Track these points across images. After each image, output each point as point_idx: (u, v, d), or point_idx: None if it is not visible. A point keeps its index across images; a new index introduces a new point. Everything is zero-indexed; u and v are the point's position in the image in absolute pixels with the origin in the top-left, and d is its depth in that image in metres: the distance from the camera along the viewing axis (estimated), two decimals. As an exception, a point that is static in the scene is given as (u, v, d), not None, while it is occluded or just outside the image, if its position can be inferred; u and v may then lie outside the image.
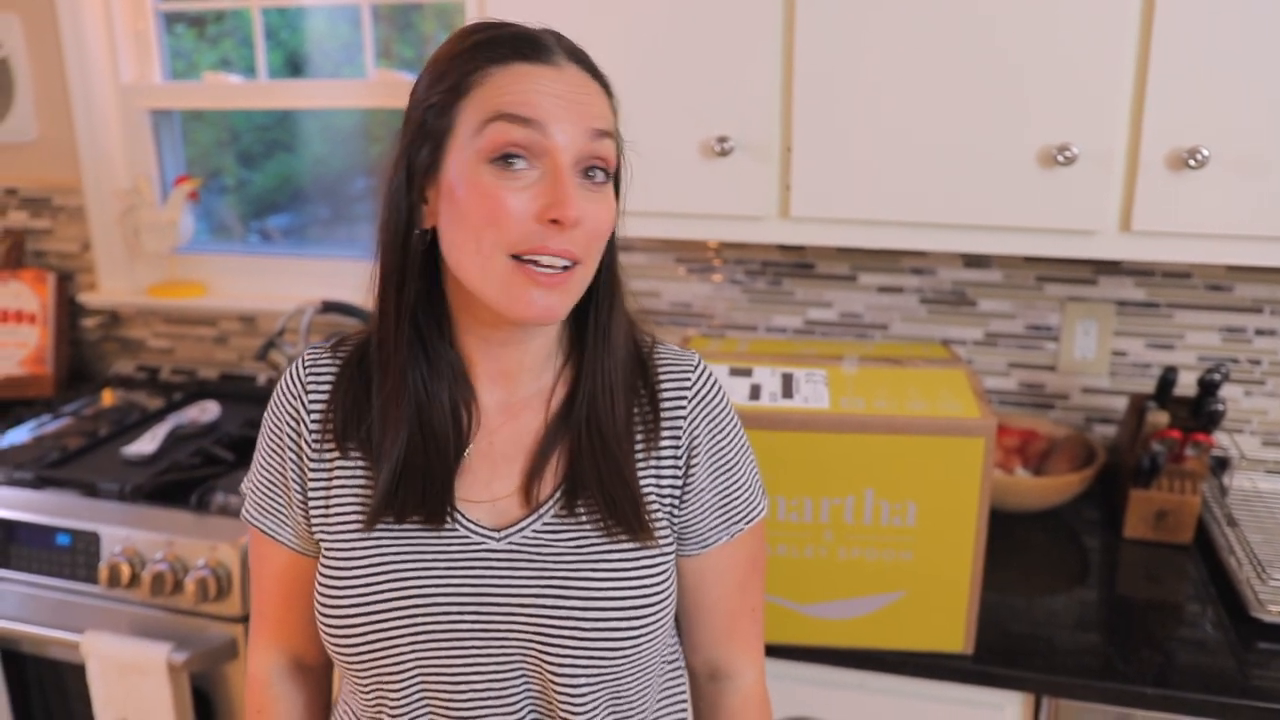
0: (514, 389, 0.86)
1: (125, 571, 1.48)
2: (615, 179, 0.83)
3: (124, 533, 1.51)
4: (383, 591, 0.81)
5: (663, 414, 0.86)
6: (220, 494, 1.57)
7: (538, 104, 0.74)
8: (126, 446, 1.74)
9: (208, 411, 1.89)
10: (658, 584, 0.84)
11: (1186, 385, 1.64)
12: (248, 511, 0.91)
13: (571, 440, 0.84)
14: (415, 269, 0.80)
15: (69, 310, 2.16)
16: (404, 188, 0.79)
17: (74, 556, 1.53)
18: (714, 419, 0.88)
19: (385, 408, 0.82)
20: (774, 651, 1.24)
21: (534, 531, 0.83)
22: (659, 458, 0.86)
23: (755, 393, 1.20)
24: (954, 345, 1.75)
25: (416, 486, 0.81)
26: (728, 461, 0.89)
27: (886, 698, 1.26)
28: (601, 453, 0.83)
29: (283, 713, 0.95)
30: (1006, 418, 1.70)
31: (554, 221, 0.74)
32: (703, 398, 0.88)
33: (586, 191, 0.77)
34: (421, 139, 0.78)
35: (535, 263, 0.75)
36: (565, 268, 0.76)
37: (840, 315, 1.79)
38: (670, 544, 0.87)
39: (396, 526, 0.83)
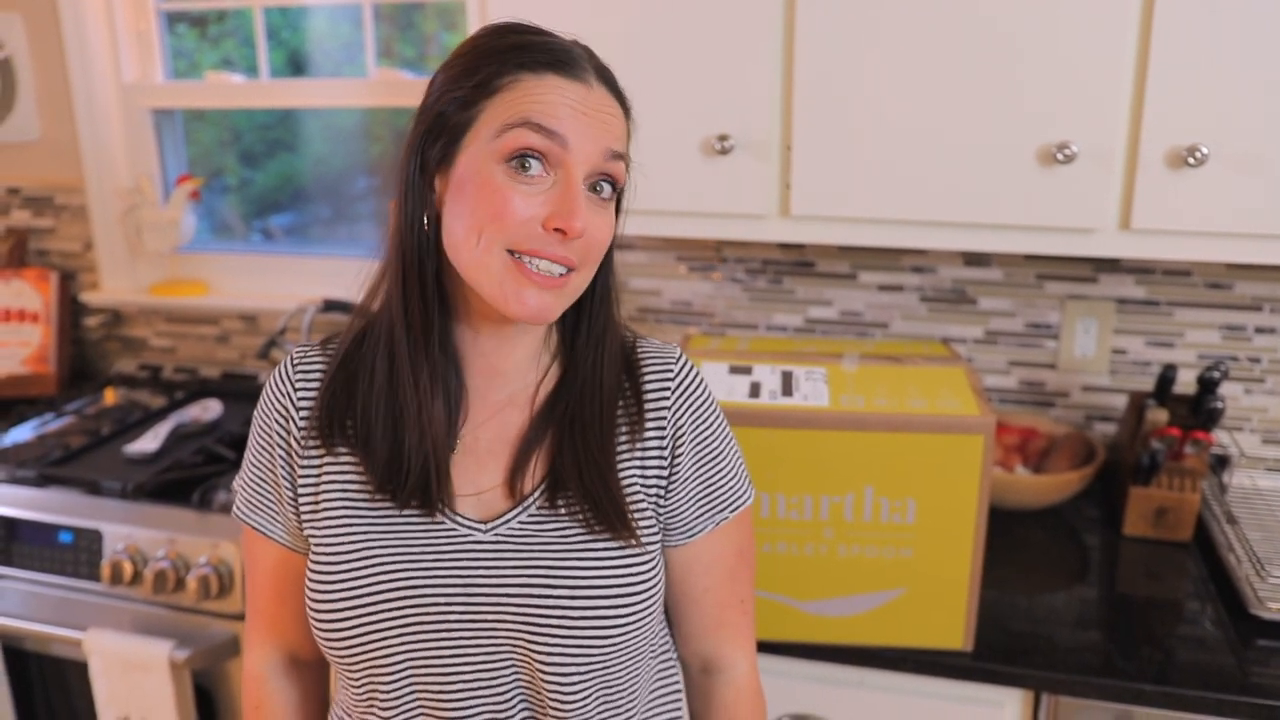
0: (502, 384, 0.87)
1: (127, 569, 1.49)
2: (618, 194, 0.84)
3: (126, 530, 1.51)
4: (372, 585, 0.82)
5: (647, 407, 0.87)
6: (222, 492, 1.57)
7: (564, 118, 0.76)
8: (128, 445, 1.75)
9: (209, 410, 1.89)
10: (644, 575, 0.84)
11: (1186, 383, 1.64)
12: (239, 508, 0.92)
13: (554, 437, 0.85)
14: (426, 256, 0.80)
15: (71, 309, 2.17)
16: (418, 174, 0.79)
17: (76, 554, 1.53)
18: (698, 410, 0.89)
19: (380, 396, 0.83)
20: (774, 649, 1.25)
21: (520, 523, 0.84)
22: (644, 450, 0.87)
23: (755, 390, 1.20)
24: (954, 343, 1.75)
25: (410, 475, 0.82)
26: (712, 451, 0.90)
27: (886, 695, 1.26)
28: (583, 453, 0.84)
29: (280, 707, 0.95)
30: (1007, 416, 1.70)
31: (558, 230, 0.76)
32: (686, 389, 0.89)
33: (591, 204, 0.78)
34: (440, 128, 0.78)
35: (533, 262, 0.76)
36: (562, 274, 0.78)
37: (841, 313, 1.79)
38: (656, 535, 0.87)
39: (385, 521, 0.84)
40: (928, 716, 1.26)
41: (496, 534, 0.84)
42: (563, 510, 0.84)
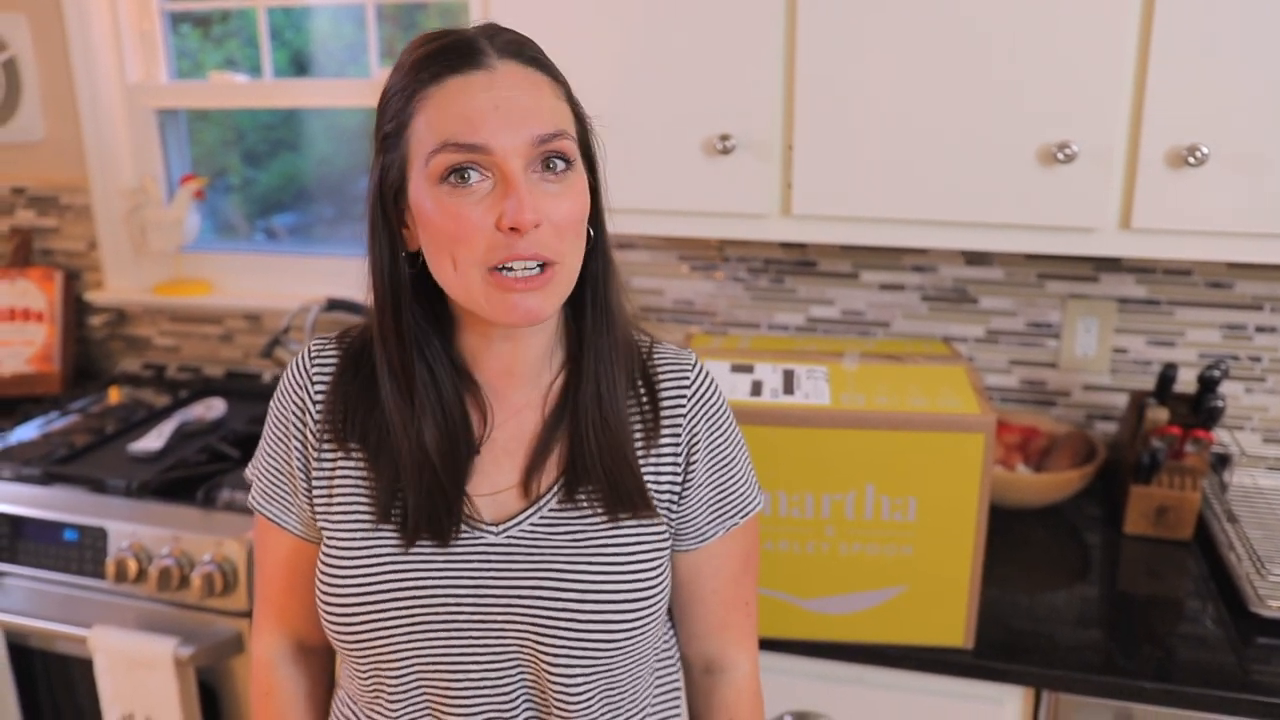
0: (518, 385, 0.87)
1: (132, 567, 1.49)
2: (590, 158, 0.82)
3: (131, 528, 1.52)
4: (382, 584, 0.82)
5: (663, 413, 0.88)
6: (226, 490, 1.58)
7: (477, 123, 0.74)
8: (133, 443, 1.75)
9: (213, 409, 1.90)
10: (652, 575, 0.85)
11: (1187, 382, 1.65)
12: (254, 498, 0.92)
13: (572, 428, 0.85)
14: (406, 295, 0.81)
15: (76, 308, 2.17)
16: (381, 217, 0.80)
17: (81, 552, 1.54)
18: (712, 417, 0.90)
19: (389, 424, 0.83)
20: (775, 646, 1.25)
21: (532, 525, 0.84)
22: (659, 455, 0.87)
23: (757, 389, 1.21)
24: (955, 342, 1.76)
25: (409, 513, 0.82)
26: (725, 458, 0.90)
27: (887, 692, 1.27)
28: (603, 434, 0.84)
29: (289, 694, 0.96)
30: (1008, 414, 1.70)
31: (512, 229, 0.74)
32: (702, 396, 0.90)
33: (546, 185, 0.77)
34: (387, 166, 0.79)
35: (509, 269, 0.75)
36: (541, 267, 0.76)
37: (842, 313, 1.80)
38: (666, 539, 0.88)
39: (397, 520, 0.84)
40: (928, 714, 1.26)
41: (508, 536, 0.84)
42: (582, 500, 0.84)
